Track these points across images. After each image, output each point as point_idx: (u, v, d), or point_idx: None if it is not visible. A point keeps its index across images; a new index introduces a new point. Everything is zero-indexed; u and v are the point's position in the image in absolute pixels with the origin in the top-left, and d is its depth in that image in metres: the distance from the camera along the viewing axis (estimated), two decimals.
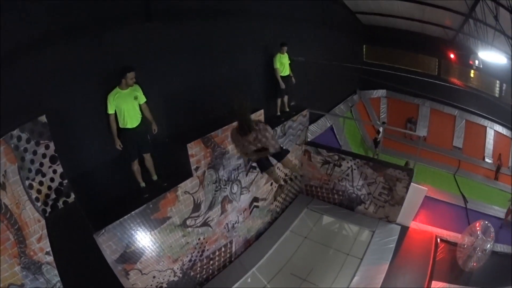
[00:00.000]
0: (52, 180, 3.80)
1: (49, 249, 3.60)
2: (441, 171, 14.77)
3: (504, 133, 14.93)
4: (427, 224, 9.29)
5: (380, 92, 17.19)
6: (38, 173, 3.59)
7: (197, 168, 6.10)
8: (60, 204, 3.95)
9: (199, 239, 6.65)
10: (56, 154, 3.77)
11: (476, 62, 12.65)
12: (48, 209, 3.76)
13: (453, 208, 12.17)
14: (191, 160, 5.93)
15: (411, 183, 8.07)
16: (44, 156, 3.62)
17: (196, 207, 6.37)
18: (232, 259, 7.72)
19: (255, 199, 8.06)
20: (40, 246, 3.50)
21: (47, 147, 3.64)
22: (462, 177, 14.53)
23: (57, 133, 3.84)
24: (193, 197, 6.21)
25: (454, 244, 8.28)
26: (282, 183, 7.55)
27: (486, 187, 14.13)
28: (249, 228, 8.09)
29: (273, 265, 7.67)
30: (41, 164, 3.62)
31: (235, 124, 4.11)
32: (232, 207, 7.32)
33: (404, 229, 8.56)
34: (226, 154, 6.68)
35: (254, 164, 6.31)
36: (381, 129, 13.76)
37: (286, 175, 8.96)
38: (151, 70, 5.47)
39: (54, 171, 3.80)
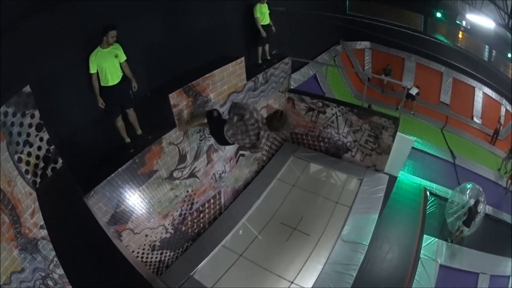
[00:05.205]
0: (39, 148, 3.72)
1: (42, 222, 3.60)
2: (429, 125, 15.18)
3: (493, 97, 15.24)
4: (415, 175, 9.71)
5: (364, 44, 17.32)
6: (25, 145, 3.49)
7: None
8: (49, 172, 3.89)
9: (187, 191, 6.81)
10: (42, 122, 3.68)
11: (464, 22, 12.89)
12: (38, 180, 3.71)
13: (441, 162, 12.60)
14: (174, 110, 5.96)
15: (398, 133, 8.31)
16: (30, 125, 3.52)
17: (182, 158, 6.46)
18: (222, 210, 8.03)
19: (241, 147, 8.14)
20: (34, 221, 3.48)
21: (32, 116, 3.53)
22: (451, 133, 15.01)
23: (40, 99, 3.72)
24: (178, 148, 6.29)
25: (445, 199, 8.75)
26: None
27: (475, 146, 14.66)
28: (236, 178, 8.32)
29: (263, 215, 8.03)
30: (28, 135, 3.52)
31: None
32: (218, 156, 7.43)
33: (392, 179, 8.89)
34: (209, 103, 6.67)
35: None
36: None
37: None
38: (130, 27, 5.41)
39: (41, 139, 3.72)
